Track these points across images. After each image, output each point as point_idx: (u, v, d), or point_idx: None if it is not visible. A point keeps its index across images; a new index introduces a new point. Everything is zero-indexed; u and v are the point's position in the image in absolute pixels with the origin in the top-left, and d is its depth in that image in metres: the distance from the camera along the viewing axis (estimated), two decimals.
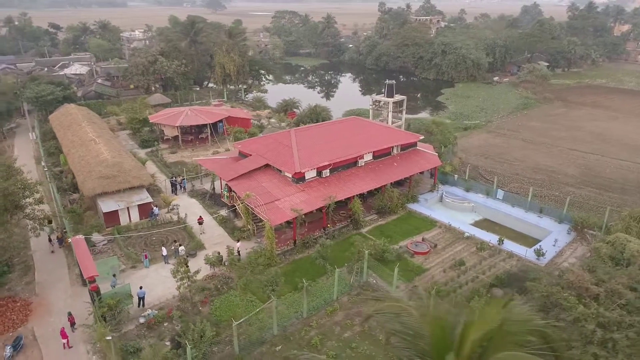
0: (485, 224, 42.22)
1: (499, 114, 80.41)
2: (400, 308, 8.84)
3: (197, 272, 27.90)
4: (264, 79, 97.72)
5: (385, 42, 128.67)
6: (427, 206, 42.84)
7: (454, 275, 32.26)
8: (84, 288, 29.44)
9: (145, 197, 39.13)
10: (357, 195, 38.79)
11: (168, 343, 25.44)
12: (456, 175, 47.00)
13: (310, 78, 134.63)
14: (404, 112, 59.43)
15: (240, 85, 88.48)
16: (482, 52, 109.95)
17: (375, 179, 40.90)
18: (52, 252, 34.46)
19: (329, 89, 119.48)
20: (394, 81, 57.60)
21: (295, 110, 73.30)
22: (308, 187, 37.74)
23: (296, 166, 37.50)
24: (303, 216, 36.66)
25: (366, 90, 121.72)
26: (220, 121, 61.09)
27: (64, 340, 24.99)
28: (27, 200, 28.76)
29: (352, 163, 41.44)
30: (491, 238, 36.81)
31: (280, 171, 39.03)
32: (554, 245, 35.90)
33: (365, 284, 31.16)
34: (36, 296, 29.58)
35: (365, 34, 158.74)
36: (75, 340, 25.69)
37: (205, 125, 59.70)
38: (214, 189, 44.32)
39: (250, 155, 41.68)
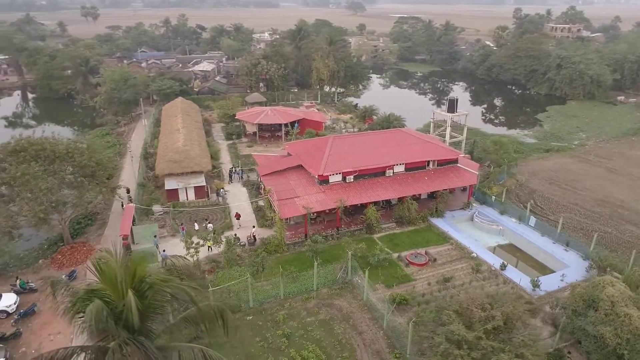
0: (509, 248, 41.82)
1: (599, 138, 73.44)
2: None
3: (201, 245, 34.21)
4: (360, 85, 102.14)
5: (500, 52, 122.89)
6: (450, 222, 43.58)
7: (434, 290, 33.69)
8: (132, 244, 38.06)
9: (200, 181, 47.15)
10: (381, 201, 41.84)
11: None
12: (494, 197, 46.44)
13: (422, 85, 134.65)
14: (466, 128, 59.07)
15: (334, 89, 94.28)
16: (606, 68, 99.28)
17: (398, 190, 43.18)
18: None
19: (440, 97, 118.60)
20: (456, 97, 57.71)
21: (373, 116, 76.55)
22: (329, 190, 41.80)
23: (320, 169, 41.84)
24: (314, 214, 41.27)
25: (476, 100, 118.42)
26: (296, 122, 67.68)
27: None
28: (100, 173, 38.22)
29: (381, 172, 44.21)
30: (496, 262, 36.84)
31: (310, 172, 43.68)
32: (561, 280, 34.68)
33: (349, 282, 34.43)
34: (99, 245, 39.05)
35: (486, 42, 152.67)
36: None
37: (284, 124, 66.74)
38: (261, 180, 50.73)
39: (291, 155, 47.13)
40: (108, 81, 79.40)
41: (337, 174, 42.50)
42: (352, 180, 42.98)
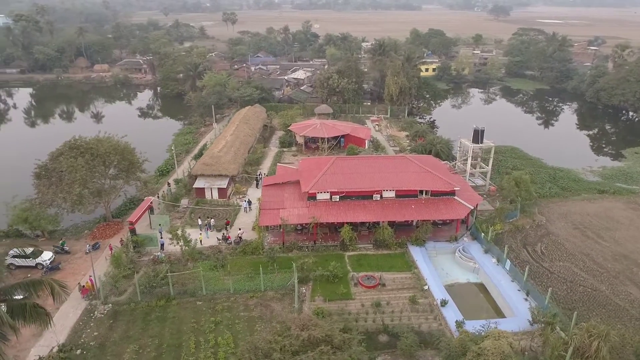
0: (478, 287, 42.18)
1: None
2: None
3: (183, 237, 41.93)
4: (433, 102, 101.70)
5: (611, 73, 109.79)
6: (426, 252, 44.83)
7: (364, 310, 36.62)
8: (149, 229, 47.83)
9: (223, 184, 55.36)
10: (368, 223, 46.02)
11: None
12: (482, 234, 46.12)
13: (526, 104, 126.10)
14: (491, 159, 57.57)
15: (404, 105, 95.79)
16: None
17: (379, 214, 45.93)
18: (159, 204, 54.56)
19: (548, 117, 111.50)
20: (483, 128, 56.46)
21: (424, 137, 77.25)
22: (314, 206, 46.48)
23: (308, 187, 46.69)
24: (300, 226, 46.45)
25: (582, 125, 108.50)
26: (342, 136, 72.58)
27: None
28: (134, 169, 48.72)
29: (368, 195, 47.32)
30: (443, 297, 37.87)
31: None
32: (495, 326, 34.73)
33: (292, 289, 39.08)
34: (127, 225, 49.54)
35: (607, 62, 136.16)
36: None
37: (333, 137, 72.15)
38: None
39: (297, 170, 52.63)
40: (207, 86, 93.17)
41: (324, 192, 46.92)
42: (337, 199, 46.98)
